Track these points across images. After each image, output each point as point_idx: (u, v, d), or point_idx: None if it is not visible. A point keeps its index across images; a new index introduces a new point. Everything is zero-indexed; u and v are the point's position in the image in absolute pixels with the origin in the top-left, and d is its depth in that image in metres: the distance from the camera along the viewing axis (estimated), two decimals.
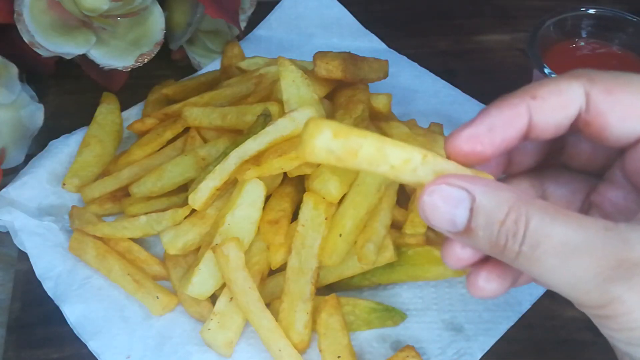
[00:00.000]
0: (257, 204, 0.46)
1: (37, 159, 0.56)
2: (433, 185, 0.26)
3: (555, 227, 0.25)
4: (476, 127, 0.27)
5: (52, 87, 0.66)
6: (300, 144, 0.25)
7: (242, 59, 0.64)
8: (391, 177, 0.26)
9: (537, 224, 0.25)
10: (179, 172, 0.51)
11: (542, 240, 0.25)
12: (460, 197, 0.26)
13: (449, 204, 0.26)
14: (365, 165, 0.25)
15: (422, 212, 0.26)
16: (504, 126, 0.27)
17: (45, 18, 0.55)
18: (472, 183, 0.26)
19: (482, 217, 0.26)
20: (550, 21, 0.55)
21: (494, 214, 0.25)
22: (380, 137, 0.26)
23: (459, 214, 0.26)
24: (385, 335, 0.47)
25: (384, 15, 0.75)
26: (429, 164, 0.26)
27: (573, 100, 0.27)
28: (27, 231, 0.51)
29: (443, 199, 0.26)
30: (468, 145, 0.27)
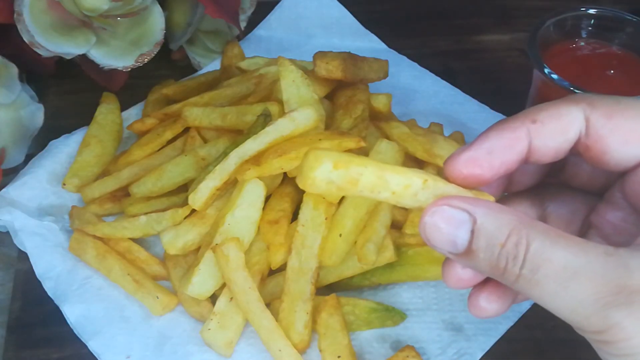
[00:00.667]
0: (257, 204, 0.46)
1: (37, 159, 0.56)
2: (434, 206, 0.26)
3: (556, 251, 0.25)
4: (475, 151, 0.27)
5: (52, 87, 0.66)
6: (300, 175, 0.26)
7: (242, 59, 0.64)
8: (392, 203, 0.27)
9: (537, 247, 0.25)
10: (179, 172, 0.51)
11: (543, 264, 0.25)
12: (461, 218, 0.26)
13: (450, 225, 0.26)
14: (367, 193, 0.26)
15: (423, 233, 0.27)
16: (504, 150, 0.27)
17: (45, 18, 0.55)
18: (474, 205, 0.26)
19: (483, 239, 0.26)
20: (550, 21, 0.55)
21: (495, 237, 0.26)
22: (380, 164, 0.26)
23: (460, 236, 0.26)
24: (385, 335, 0.46)
25: (384, 15, 0.75)
26: (429, 188, 0.27)
27: (572, 125, 0.27)
28: (27, 231, 0.51)
29: (444, 220, 0.26)
30: (467, 169, 0.27)
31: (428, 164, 0.51)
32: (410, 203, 0.27)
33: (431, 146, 0.51)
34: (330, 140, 0.46)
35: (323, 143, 0.46)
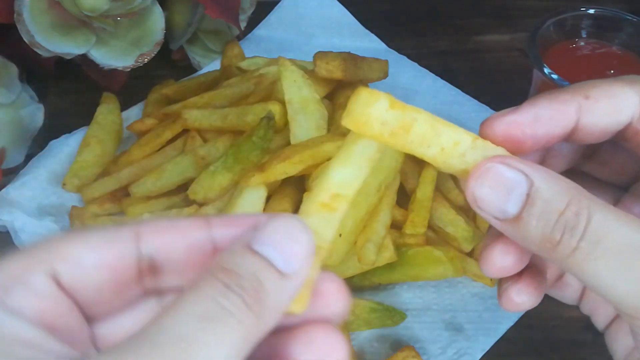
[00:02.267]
0: (258, 205, 0.46)
1: (37, 159, 0.55)
2: (488, 162, 0.24)
3: (620, 226, 0.23)
4: (521, 115, 0.25)
5: (52, 87, 0.66)
6: (350, 113, 0.23)
7: (242, 59, 0.64)
8: (438, 162, 0.24)
9: (600, 220, 0.23)
10: (179, 171, 0.51)
11: (605, 238, 0.23)
12: (517, 180, 0.23)
13: (503, 187, 0.23)
14: (416, 144, 0.24)
15: (470, 193, 0.24)
16: (551, 120, 0.25)
17: (45, 18, 0.55)
18: (531, 167, 0.24)
19: (539, 204, 0.23)
20: (550, 21, 0.55)
21: (553, 203, 0.23)
22: (432, 115, 0.24)
23: (512, 199, 0.23)
24: (385, 335, 0.46)
25: (384, 15, 0.75)
26: (478, 148, 0.24)
27: (626, 106, 0.25)
28: (27, 231, 0.51)
29: (497, 179, 0.23)
30: (509, 131, 0.25)
31: (428, 164, 0.51)
32: (457, 164, 0.24)
33: None
34: (333, 142, 0.46)
35: (326, 145, 0.46)
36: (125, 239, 0.23)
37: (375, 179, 0.46)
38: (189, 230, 0.23)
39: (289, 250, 0.21)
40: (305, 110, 0.49)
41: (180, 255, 0.23)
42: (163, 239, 0.23)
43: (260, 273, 0.21)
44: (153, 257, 0.23)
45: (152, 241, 0.23)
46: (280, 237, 0.21)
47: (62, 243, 0.22)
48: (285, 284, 0.21)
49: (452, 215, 0.49)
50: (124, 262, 0.23)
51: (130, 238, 0.23)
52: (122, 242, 0.23)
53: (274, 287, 0.21)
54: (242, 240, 0.21)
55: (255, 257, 0.21)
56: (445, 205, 0.50)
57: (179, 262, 0.23)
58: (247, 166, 0.48)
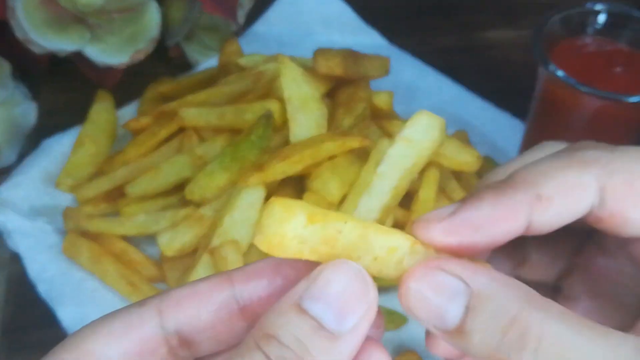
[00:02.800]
0: (256, 205, 0.45)
1: (30, 158, 0.55)
2: (424, 268, 0.21)
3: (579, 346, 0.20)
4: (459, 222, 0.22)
5: (46, 85, 0.65)
6: (262, 233, 0.20)
7: (241, 56, 0.63)
8: (371, 272, 0.21)
9: (554, 336, 0.20)
10: (175, 171, 0.50)
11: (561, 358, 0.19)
12: (456, 288, 0.21)
13: (440, 295, 0.21)
14: (345, 257, 0.21)
15: (404, 300, 0.21)
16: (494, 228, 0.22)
17: (38, 14, 0.54)
18: (473, 273, 0.21)
19: (481, 318, 0.20)
20: (556, 17, 0.54)
21: (497, 317, 0.20)
22: (362, 221, 0.21)
23: (452, 310, 0.20)
24: (387, 338, 0.46)
25: (385, 11, 0.74)
26: (417, 253, 0.22)
27: (584, 199, 0.22)
28: (20, 232, 0.50)
29: (434, 287, 0.21)
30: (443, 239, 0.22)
31: (430, 164, 0.50)
32: (393, 272, 0.22)
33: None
34: (333, 141, 0.45)
35: (327, 144, 0.45)
36: (147, 320, 0.22)
37: None
38: (210, 294, 0.22)
39: (345, 305, 0.19)
40: (305, 108, 0.48)
41: (206, 323, 0.22)
42: (185, 311, 0.22)
43: (307, 338, 0.19)
44: (180, 330, 0.22)
45: (175, 316, 0.22)
46: (335, 289, 0.19)
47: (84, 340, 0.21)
48: (337, 346, 0.19)
49: None
50: (151, 345, 0.22)
51: (152, 317, 0.22)
52: (146, 324, 0.22)
53: (324, 352, 0.19)
54: (291, 296, 0.20)
55: (301, 317, 0.19)
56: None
57: (206, 329, 0.22)
58: (245, 165, 0.47)
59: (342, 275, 0.20)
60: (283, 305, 0.20)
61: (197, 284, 0.23)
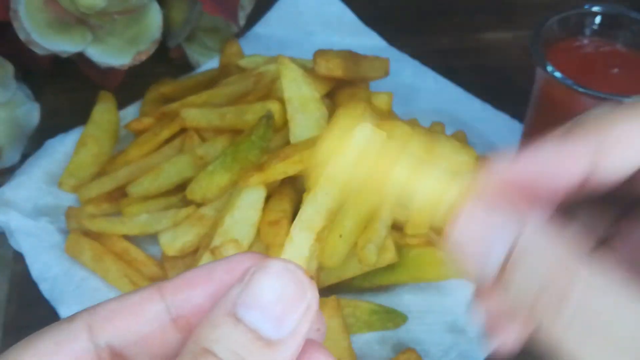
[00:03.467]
0: (257, 205, 0.45)
1: (33, 158, 0.55)
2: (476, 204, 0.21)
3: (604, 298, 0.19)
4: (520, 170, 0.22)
5: (48, 86, 0.65)
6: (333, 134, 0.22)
7: (241, 57, 0.63)
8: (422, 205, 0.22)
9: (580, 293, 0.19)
10: (176, 171, 0.51)
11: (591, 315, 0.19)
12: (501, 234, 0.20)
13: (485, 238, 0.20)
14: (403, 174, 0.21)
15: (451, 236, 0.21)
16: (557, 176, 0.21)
17: (41, 15, 0.54)
18: (521, 221, 0.20)
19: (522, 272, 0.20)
20: (554, 19, 0.54)
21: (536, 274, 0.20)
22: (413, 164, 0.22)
23: (493, 256, 0.20)
24: (387, 337, 0.46)
25: (385, 12, 0.75)
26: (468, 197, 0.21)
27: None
28: (23, 232, 0.50)
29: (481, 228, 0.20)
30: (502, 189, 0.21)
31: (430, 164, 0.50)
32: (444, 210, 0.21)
33: (433, 145, 0.50)
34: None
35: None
36: (77, 335, 0.21)
37: None
38: (140, 307, 0.22)
39: (281, 310, 0.18)
40: (305, 109, 0.49)
41: (137, 336, 0.21)
42: (115, 325, 0.21)
43: (245, 350, 0.18)
44: (111, 345, 0.21)
45: (105, 330, 0.21)
46: (269, 295, 0.18)
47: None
48: (276, 352, 0.18)
49: None
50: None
51: (82, 333, 0.21)
52: (76, 340, 0.21)
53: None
54: (225, 304, 0.19)
55: (237, 328, 0.18)
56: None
57: (138, 343, 0.21)
58: (246, 166, 0.47)
59: (276, 278, 0.19)
60: (217, 316, 0.19)
61: (127, 296, 0.22)
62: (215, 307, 0.19)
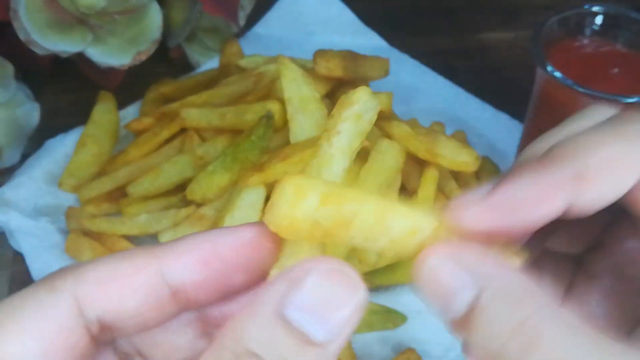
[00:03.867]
0: (257, 205, 0.45)
1: (33, 158, 0.55)
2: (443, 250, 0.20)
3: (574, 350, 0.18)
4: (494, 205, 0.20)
5: (48, 86, 0.65)
6: (271, 213, 0.19)
7: (241, 57, 0.63)
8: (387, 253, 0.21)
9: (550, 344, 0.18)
10: (176, 171, 0.51)
11: None
12: (464, 282, 0.19)
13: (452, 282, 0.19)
14: (360, 240, 0.20)
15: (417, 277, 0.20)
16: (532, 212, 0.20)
17: (41, 16, 0.54)
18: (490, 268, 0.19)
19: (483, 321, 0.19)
20: (554, 19, 0.54)
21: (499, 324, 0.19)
22: (382, 201, 0.20)
23: (457, 303, 0.19)
24: (387, 337, 0.46)
25: (385, 12, 0.75)
26: (439, 238, 0.20)
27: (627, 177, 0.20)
28: (23, 232, 0.50)
29: (447, 272, 0.20)
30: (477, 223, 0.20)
31: (430, 164, 0.50)
32: (412, 253, 0.21)
33: (433, 146, 0.50)
34: None
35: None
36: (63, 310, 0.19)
37: (376, 179, 0.46)
38: (134, 276, 0.20)
39: (332, 313, 0.18)
40: (305, 109, 0.49)
41: (131, 310, 0.20)
42: (107, 297, 0.19)
43: (294, 355, 0.17)
44: (102, 319, 0.19)
45: (95, 304, 0.19)
46: (322, 297, 0.18)
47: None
48: (323, 354, 0.18)
49: None
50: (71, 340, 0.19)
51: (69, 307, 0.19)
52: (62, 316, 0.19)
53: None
54: (270, 301, 0.18)
55: (285, 331, 0.17)
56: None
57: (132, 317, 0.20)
58: (245, 166, 0.47)
59: (329, 278, 0.18)
60: (263, 314, 0.18)
61: (119, 262, 0.20)
62: (258, 301, 0.18)
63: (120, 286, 0.20)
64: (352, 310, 0.18)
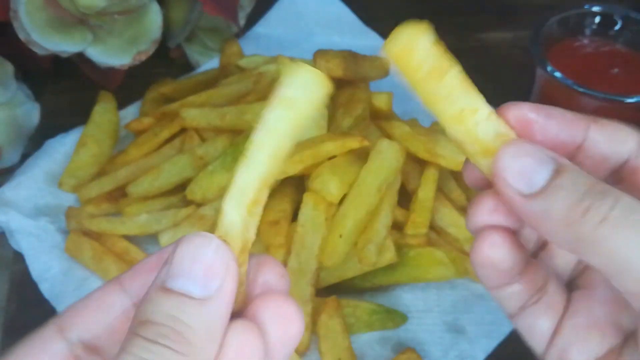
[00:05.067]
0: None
1: (33, 158, 0.55)
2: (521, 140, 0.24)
3: None
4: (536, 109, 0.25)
5: (48, 86, 0.65)
6: (394, 41, 0.23)
7: (241, 57, 0.63)
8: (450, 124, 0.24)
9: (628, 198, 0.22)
10: (176, 171, 0.51)
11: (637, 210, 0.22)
12: (546, 157, 0.23)
13: (533, 160, 0.23)
14: (442, 96, 0.24)
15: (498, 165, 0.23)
16: (562, 125, 0.25)
17: (41, 16, 0.54)
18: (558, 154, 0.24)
19: (568, 177, 0.23)
20: (554, 19, 0.54)
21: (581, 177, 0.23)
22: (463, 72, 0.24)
23: (541, 172, 0.23)
24: (386, 337, 0.46)
25: (384, 12, 0.75)
26: (491, 122, 0.24)
27: (628, 141, 0.26)
28: (23, 232, 0.50)
29: (528, 154, 0.23)
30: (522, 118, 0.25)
31: (430, 164, 0.50)
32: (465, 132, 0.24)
33: (433, 145, 0.50)
34: (333, 141, 0.45)
35: (327, 144, 0.45)
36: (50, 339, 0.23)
37: (375, 179, 0.46)
38: (102, 300, 0.24)
39: (202, 273, 0.21)
40: None
41: (106, 328, 0.24)
42: (84, 320, 0.23)
43: (177, 310, 0.20)
44: (83, 340, 0.23)
45: (74, 327, 0.23)
46: (189, 263, 0.21)
47: None
48: (209, 307, 0.20)
49: (454, 215, 0.49)
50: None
51: (54, 335, 0.23)
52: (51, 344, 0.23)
53: (197, 317, 0.20)
54: (156, 282, 0.21)
55: (167, 296, 0.20)
56: (447, 205, 0.49)
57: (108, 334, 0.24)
58: None
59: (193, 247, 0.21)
60: (150, 293, 0.21)
61: (91, 294, 0.24)
62: (148, 289, 0.21)
63: (92, 310, 0.24)
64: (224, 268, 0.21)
